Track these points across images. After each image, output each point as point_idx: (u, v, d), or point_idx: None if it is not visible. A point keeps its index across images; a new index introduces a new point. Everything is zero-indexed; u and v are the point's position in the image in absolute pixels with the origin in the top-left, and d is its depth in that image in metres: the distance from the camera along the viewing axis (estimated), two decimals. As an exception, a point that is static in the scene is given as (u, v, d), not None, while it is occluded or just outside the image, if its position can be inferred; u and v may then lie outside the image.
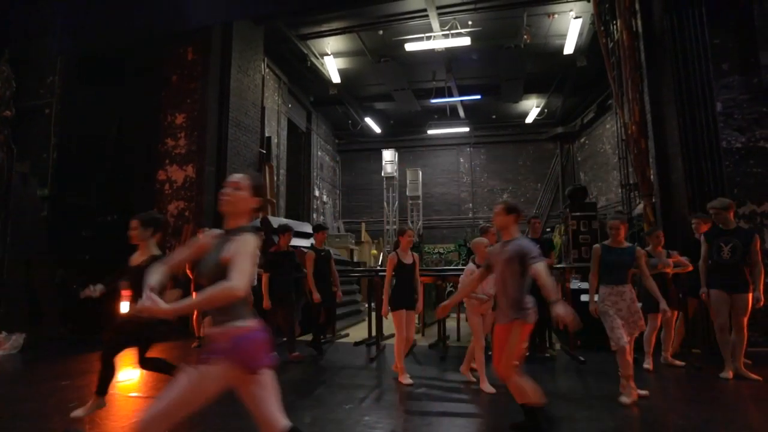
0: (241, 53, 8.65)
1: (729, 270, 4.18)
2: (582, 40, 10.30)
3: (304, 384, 4.32)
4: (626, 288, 3.62)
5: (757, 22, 5.89)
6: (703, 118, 5.75)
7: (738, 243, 4.15)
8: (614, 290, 3.63)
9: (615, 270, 3.65)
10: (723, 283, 4.20)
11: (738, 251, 4.14)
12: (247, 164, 8.76)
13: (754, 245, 4.13)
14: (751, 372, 4.25)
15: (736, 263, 4.15)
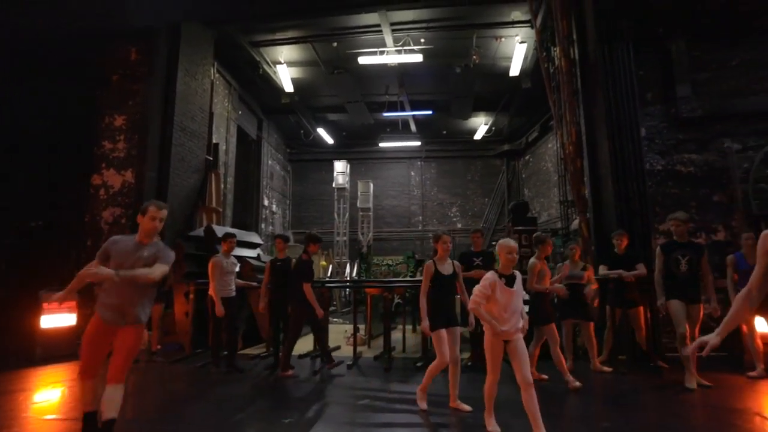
0: (189, 56, 8.38)
1: (686, 282, 4.35)
2: (527, 64, 10.90)
3: (244, 398, 4.17)
4: None
5: (674, 59, 6.52)
6: (630, 142, 6.25)
7: (693, 256, 4.37)
8: None
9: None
10: (681, 294, 4.35)
11: (693, 264, 4.34)
12: (192, 171, 8.44)
13: (704, 258, 4.40)
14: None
15: (693, 275, 4.37)
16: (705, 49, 6.58)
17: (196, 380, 4.99)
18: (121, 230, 7.57)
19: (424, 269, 3.88)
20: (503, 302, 3.01)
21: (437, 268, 3.80)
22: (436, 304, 3.73)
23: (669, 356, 5.71)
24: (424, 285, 3.79)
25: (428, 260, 3.92)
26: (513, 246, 3.11)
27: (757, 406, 3.82)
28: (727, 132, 6.36)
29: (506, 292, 3.01)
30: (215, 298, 5.15)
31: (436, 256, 3.88)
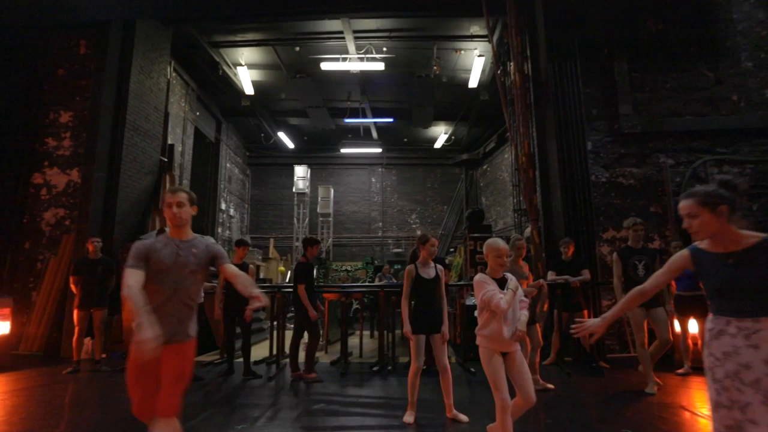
0: (144, 54, 8.10)
1: None
2: (484, 76, 11.30)
3: (196, 406, 4.06)
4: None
5: (617, 78, 7.00)
6: (577, 154, 6.63)
7: (649, 261, 4.50)
8: None
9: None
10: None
11: (650, 268, 4.45)
12: (145, 172, 8.13)
13: (658, 263, 4.51)
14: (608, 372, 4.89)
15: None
16: (644, 71, 7.10)
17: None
18: (65, 232, 7.18)
19: (405, 273, 3.72)
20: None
21: (419, 272, 3.66)
22: (417, 309, 3.62)
23: (610, 357, 6.08)
24: (405, 289, 3.65)
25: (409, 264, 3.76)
26: (502, 248, 2.80)
27: (684, 401, 4.14)
28: (662, 148, 6.88)
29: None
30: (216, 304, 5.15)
31: (419, 260, 3.73)
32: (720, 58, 7.03)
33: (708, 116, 6.90)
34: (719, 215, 1.73)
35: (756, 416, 1.63)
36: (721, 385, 1.73)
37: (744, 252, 1.72)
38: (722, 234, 1.76)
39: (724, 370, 1.73)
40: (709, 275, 1.79)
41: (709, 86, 7.00)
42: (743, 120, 6.77)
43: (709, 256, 1.79)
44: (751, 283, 1.69)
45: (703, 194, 1.76)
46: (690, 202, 1.78)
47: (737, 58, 7.00)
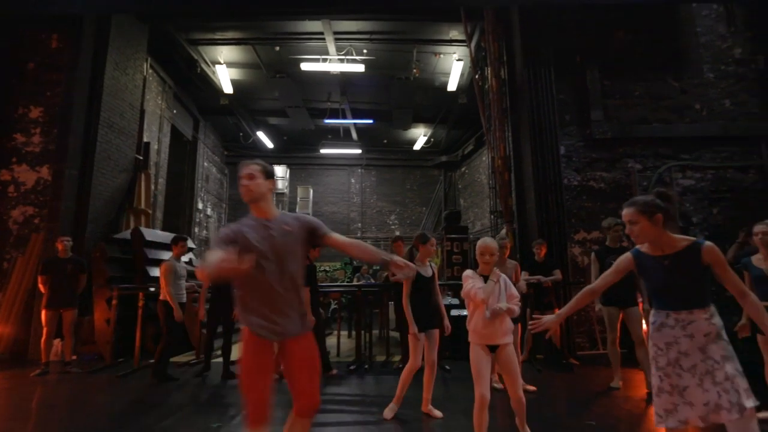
0: (119, 49, 7.95)
1: (620, 286, 4.62)
2: (463, 80, 11.48)
3: (172, 406, 4.04)
4: None
5: (589, 86, 7.25)
6: (551, 158, 6.85)
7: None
8: None
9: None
10: (617, 299, 4.44)
11: None
12: (119, 170, 7.98)
13: None
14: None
15: (627, 279, 4.68)
16: (614, 79, 7.38)
17: (118, 390, 4.73)
18: (34, 231, 6.98)
19: None
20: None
21: (419, 270, 3.67)
22: (418, 307, 3.62)
23: (580, 354, 6.30)
24: (406, 289, 3.64)
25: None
26: (489, 247, 2.86)
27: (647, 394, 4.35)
28: (631, 154, 7.16)
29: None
30: (172, 303, 4.94)
31: (416, 258, 3.75)
32: (684, 68, 7.36)
33: (673, 124, 7.23)
34: (655, 223, 1.93)
35: (692, 398, 1.83)
36: (663, 372, 1.93)
37: (676, 254, 1.93)
38: (659, 239, 1.96)
39: (666, 358, 1.92)
40: (649, 275, 2.01)
41: (675, 95, 7.33)
42: (705, 128, 7.11)
43: (648, 259, 2.01)
44: (683, 281, 1.91)
45: (642, 203, 1.96)
46: (631, 210, 1.97)
47: (700, 69, 7.35)
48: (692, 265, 1.90)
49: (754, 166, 6.95)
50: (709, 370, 1.82)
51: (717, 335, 1.87)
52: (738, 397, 1.74)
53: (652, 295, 2.03)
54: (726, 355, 1.83)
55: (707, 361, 1.83)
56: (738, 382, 1.78)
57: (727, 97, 7.26)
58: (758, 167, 6.94)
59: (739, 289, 1.89)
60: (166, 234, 8.56)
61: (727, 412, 1.74)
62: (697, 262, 1.89)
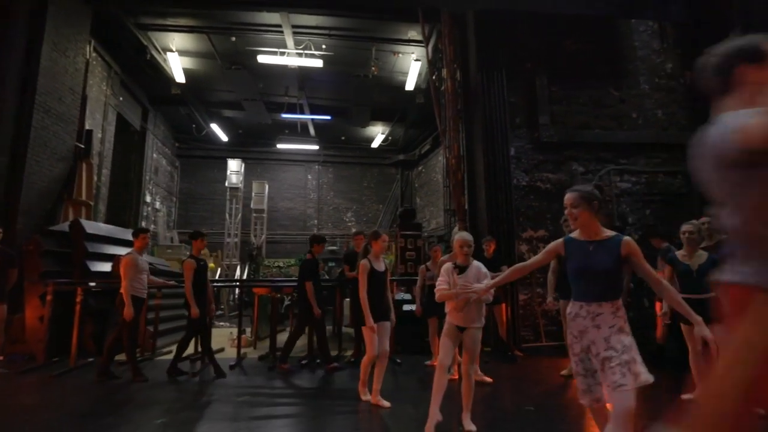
0: (58, 29, 7.45)
1: None
2: (421, 80, 11.68)
3: (112, 404, 3.88)
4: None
5: (538, 91, 7.60)
6: (501, 159, 7.12)
7: None
8: None
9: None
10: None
11: None
12: (57, 158, 7.49)
13: None
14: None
15: None
16: (561, 86, 7.77)
17: (52, 391, 4.47)
18: (-42, 222, 6.42)
19: (360, 267, 3.91)
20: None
21: (372, 265, 3.91)
22: (371, 300, 3.79)
23: (524, 346, 6.61)
24: (362, 283, 3.84)
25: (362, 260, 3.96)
26: (465, 240, 3.21)
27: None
28: (575, 157, 7.59)
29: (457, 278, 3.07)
30: (125, 299, 4.70)
31: (371, 254, 3.96)
32: (623, 79, 7.89)
33: (613, 130, 7.72)
34: (592, 209, 2.20)
35: (601, 379, 2.10)
36: (578, 357, 2.19)
37: (600, 241, 2.20)
38: (590, 225, 2.22)
39: (580, 345, 2.17)
40: (574, 258, 2.24)
41: (615, 104, 7.83)
42: (640, 135, 7.66)
43: (577, 243, 2.26)
44: (600, 266, 2.13)
45: (584, 191, 2.25)
46: (575, 195, 2.24)
47: (637, 80, 7.90)
48: (611, 254, 2.14)
49: (681, 172, 7.56)
50: (610, 357, 2.03)
51: (620, 329, 2.09)
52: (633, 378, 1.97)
53: (572, 281, 2.25)
54: (626, 345, 2.04)
55: (609, 350, 2.04)
56: (633, 367, 1.99)
57: (660, 107, 7.85)
58: (684, 173, 7.56)
59: (654, 278, 2.15)
60: (109, 227, 8.15)
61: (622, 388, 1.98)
62: (617, 251, 2.13)
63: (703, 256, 3.78)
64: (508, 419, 3.57)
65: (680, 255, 3.85)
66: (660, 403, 3.51)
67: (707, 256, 3.77)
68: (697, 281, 3.68)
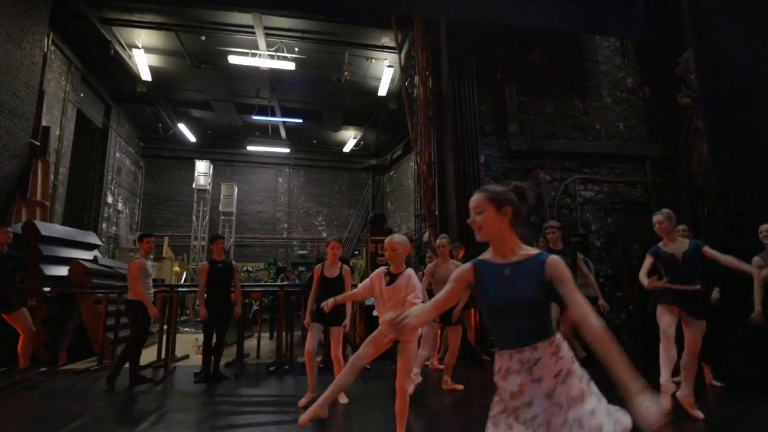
0: (14, 20, 7.09)
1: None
2: (393, 86, 11.76)
3: (70, 415, 3.67)
4: None
5: (507, 101, 7.80)
6: (471, 166, 7.25)
7: (568, 261, 4.46)
8: None
9: None
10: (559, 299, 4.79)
11: (570, 268, 4.82)
12: (9, 156, 7.10)
13: (579, 260, 4.74)
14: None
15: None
16: (529, 96, 8.01)
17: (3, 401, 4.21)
18: None
19: (314, 272, 4.24)
20: (381, 299, 2.89)
21: (323, 271, 4.17)
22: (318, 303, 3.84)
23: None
24: (313, 286, 4.18)
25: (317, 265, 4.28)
26: (391, 243, 2.86)
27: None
28: (542, 165, 7.82)
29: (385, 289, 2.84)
30: (146, 302, 4.69)
31: (326, 260, 4.22)
32: (587, 92, 8.21)
33: (577, 140, 8.01)
34: (503, 216, 1.62)
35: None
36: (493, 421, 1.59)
37: (518, 264, 1.62)
38: (502, 239, 1.64)
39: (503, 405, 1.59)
40: (486, 288, 1.64)
41: (579, 115, 8.13)
42: (603, 146, 7.98)
43: (489, 267, 1.66)
44: (522, 296, 1.55)
45: (492, 191, 1.65)
46: (479, 197, 1.65)
47: (600, 93, 8.23)
48: (534, 278, 1.57)
49: (640, 183, 7.92)
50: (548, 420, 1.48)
51: (568, 372, 1.52)
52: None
53: (490, 322, 1.64)
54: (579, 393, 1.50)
55: (552, 409, 1.49)
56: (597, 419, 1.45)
57: (621, 120, 8.21)
58: (643, 183, 7.93)
59: (582, 312, 1.49)
60: (66, 229, 7.77)
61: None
62: (540, 275, 1.57)
63: (685, 243, 3.60)
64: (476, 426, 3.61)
65: (662, 245, 3.67)
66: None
67: (689, 242, 3.60)
68: (684, 269, 3.51)
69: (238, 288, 5.26)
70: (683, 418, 3.43)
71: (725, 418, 3.67)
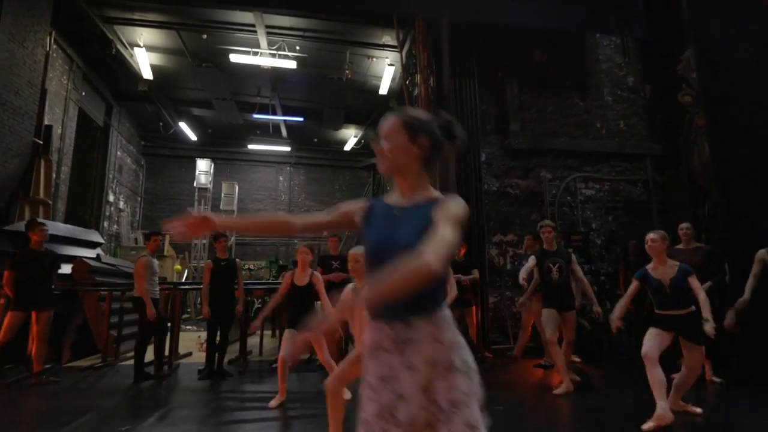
0: (16, 18, 7.10)
1: (558, 289, 4.38)
2: (394, 85, 11.76)
3: (75, 412, 3.71)
4: None
5: (508, 99, 7.82)
6: (473, 165, 7.27)
7: (562, 263, 4.41)
8: None
9: None
10: (555, 303, 4.36)
11: (564, 270, 4.37)
12: (12, 154, 7.12)
13: (574, 264, 4.47)
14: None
15: (565, 282, 4.40)
16: (531, 95, 8.03)
17: (7, 398, 4.24)
18: None
19: (284, 279, 4.24)
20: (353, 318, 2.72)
21: (293, 279, 4.14)
22: (289, 310, 4.08)
23: (494, 348, 6.76)
24: (279, 291, 4.20)
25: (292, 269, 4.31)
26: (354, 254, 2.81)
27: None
28: (543, 164, 7.84)
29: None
30: (146, 300, 4.73)
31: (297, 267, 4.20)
32: (588, 90, 8.23)
33: (578, 139, 8.03)
34: (417, 148, 1.31)
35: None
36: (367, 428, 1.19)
37: (415, 206, 1.29)
38: (408, 176, 1.32)
39: (378, 405, 1.19)
40: (369, 233, 1.31)
41: (580, 113, 8.15)
42: (604, 144, 8.00)
43: (382, 208, 1.34)
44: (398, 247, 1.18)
45: (409, 115, 1.36)
46: (393, 120, 1.35)
47: (601, 92, 8.25)
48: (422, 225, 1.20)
49: (641, 181, 7.95)
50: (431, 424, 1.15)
51: (450, 365, 1.19)
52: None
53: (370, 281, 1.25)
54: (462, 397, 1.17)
55: (431, 408, 1.16)
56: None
57: (622, 118, 8.23)
58: (644, 182, 7.95)
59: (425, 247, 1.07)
60: (69, 227, 7.81)
61: None
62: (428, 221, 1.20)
63: (674, 267, 3.42)
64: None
65: (650, 269, 3.50)
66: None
67: (677, 267, 3.42)
68: (671, 297, 3.35)
69: (242, 286, 5.30)
70: (681, 415, 3.46)
71: (725, 415, 3.70)
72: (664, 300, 3.38)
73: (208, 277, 5.01)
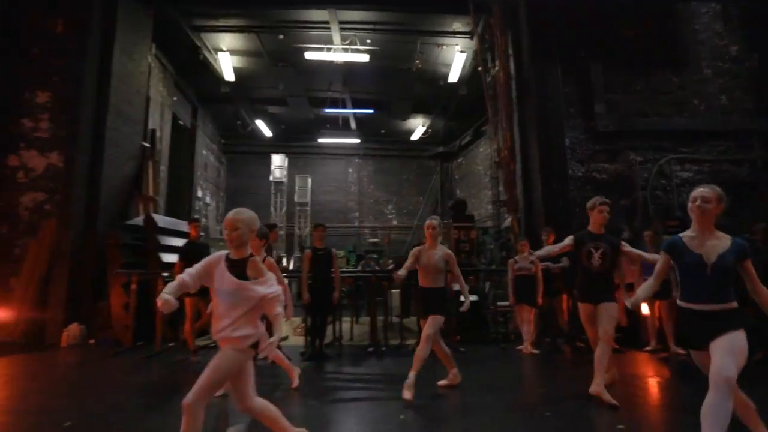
0: (125, 35, 7.88)
1: (597, 278, 3.73)
2: (464, 72, 11.60)
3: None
4: None
5: (592, 80, 7.45)
6: (556, 150, 7.07)
7: (607, 249, 3.71)
8: None
9: None
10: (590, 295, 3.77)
11: (607, 258, 3.69)
12: (127, 157, 7.97)
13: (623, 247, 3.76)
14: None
15: (606, 271, 3.74)
16: (617, 73, 7.59)
17: (149, 370, 4.85)
18: (45, 217, 6.97)
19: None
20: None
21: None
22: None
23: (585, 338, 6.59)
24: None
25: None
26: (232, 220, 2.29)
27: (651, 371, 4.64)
28: (632, 146, 7.42)
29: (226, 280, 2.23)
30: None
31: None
32: (683, 65, 7.62)
33: (672, 118, 7.50)
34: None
35: None
36: None
37: None
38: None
39: None
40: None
41: (674, 90, 7.59)
42: (702, 122, 7.41)
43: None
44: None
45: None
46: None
47: (698, 65, 7.61)
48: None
49: (748, 160, 7.28)
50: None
51: None
52: None
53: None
54: None
55: None
56: None
57: (724, 93, 7.55)
58: (751, 161, 7.27)
59: None
60: (171, 220, 8.61)
61: None
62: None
63: (725, 241, 2.33)
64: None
65: (687, 238, 2.42)
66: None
67: (731, 241, 2.32)
68: (712, 283, 2.28)
69: (338, 274, 5.52)
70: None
71: None
72: (700, 287, 2.31)
73: (307, 265, 5.33)
